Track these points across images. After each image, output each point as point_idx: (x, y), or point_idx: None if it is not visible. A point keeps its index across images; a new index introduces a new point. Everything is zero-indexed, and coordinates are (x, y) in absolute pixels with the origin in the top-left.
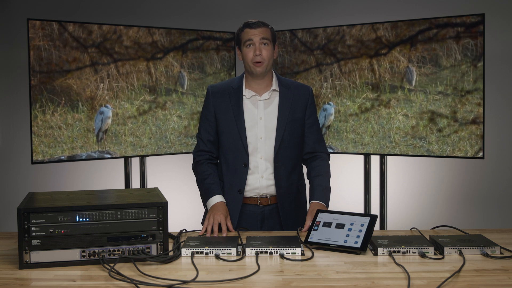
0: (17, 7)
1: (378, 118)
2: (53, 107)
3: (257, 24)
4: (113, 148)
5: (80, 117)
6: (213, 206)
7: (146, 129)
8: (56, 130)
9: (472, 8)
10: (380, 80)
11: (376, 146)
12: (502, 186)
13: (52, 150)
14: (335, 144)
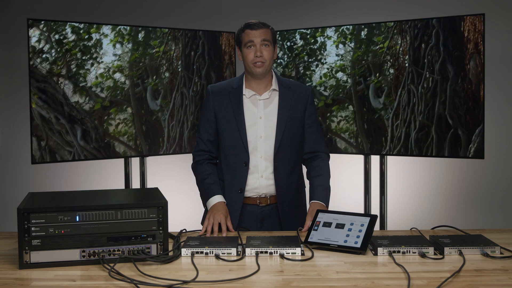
0: (17, 7)
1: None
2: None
3: (257, 25)
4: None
5: None
6: (213, 206)
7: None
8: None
9: (472, 8)
10: None
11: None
12: (502, 186)
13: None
14: None
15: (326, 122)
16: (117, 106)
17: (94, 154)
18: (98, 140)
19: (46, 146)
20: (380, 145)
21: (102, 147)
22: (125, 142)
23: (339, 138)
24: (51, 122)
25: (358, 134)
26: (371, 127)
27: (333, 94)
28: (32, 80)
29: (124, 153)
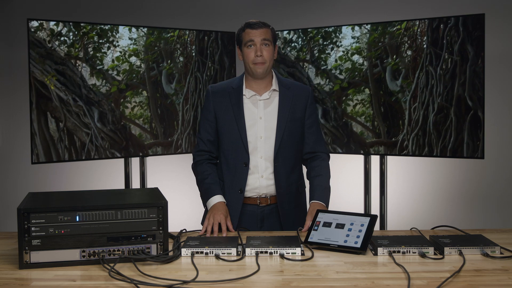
0: (17, 7)
1: None
2: None
3: (258, 24)
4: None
5: None
6: (213, 206)
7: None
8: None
9: (472, 8)
10: None
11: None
12: (502, 186)
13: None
14: None
15: (342, 106)
16: (133, 89)
17: (111, 136)
18: (114, 123)
19: (64, 128)
20: (397, 129)
21: (118, 129)
22: (140, 125)
23: (355, 122)
24: (69, 103)
25: (375, 117)
26: (388, 110)
27: (348, 77)
28: (51, 62)
29: (140, 136)
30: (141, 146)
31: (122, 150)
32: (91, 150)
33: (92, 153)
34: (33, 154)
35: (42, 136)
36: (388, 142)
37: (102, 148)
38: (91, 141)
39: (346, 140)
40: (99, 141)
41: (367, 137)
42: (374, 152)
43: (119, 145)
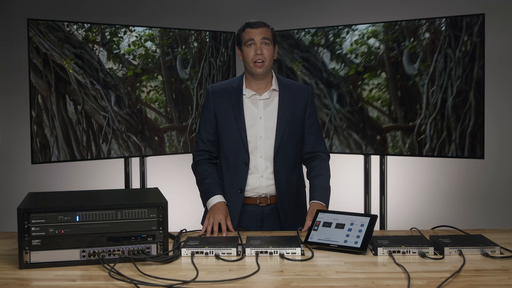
0: (17, 7)
1: None
2: None
3: (258, 24)
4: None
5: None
6: (213, 206)
7: None
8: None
9: (472, 8)
10: None
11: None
12: (502, 186)
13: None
14: None
15: (358, 91)
16: (148, 74)
17: (127, 119)
18: (131, 106)
19: (82, 110)
20: (415, 113)
21: (134, 113)
22: (156, 109)
23: (371, 107)
24: (87, 87)
25: (391, 102)
26: (405, 94)
27: (364, 61)
28: (69, 46)
29: (155, 119)
30: (157, 129)
31: (138, 133)
32: (108, 133)
33: (110, 136)
34: (51, 137)
35: (61, 119)
36: (405, 126)
37: (119, 131)
38: (108, 124)
39: (362, 126)
40: (116, 124)
41: (384, 122)
42: (391, 137)
43: (135, 129)
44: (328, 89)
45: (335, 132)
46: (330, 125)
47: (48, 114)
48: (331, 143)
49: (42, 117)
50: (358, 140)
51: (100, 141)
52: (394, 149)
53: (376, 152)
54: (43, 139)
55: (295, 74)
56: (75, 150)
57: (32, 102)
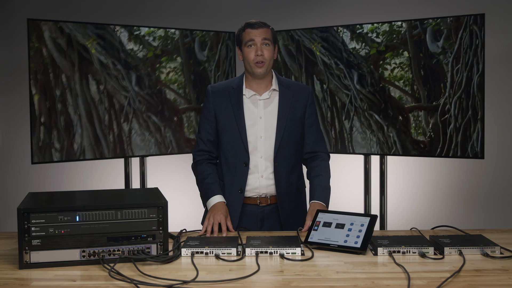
0: (17, 7)
1: None
2: None
3: (258, 24)
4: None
5: None
6: (213, 206)
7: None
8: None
9: (472, 8)
10: None
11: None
12: (502, 186)
13: None
14: None
15: (379, 71)
16: (167, 55)
17: (147, 99)
18: (151, 87)
19: (105, 90)
20: (439, 92)
21: (154, 93)
22: (175, 90)
23: (393, 87)
24: (108, 67)
25: (414, 81)
26: (429, 73)
27: (386, 40)
28: (91, 26)
29: (174, 100)
30: (176, 110)
31: (158, 113)
32: (129, 112)
33: (130, 116)
34: (75, 115)
35: (84, 98)
36: (428, 106)
37: (139, 111)
38: (129, 103)
39: (383, 106)
40: (137, 104)
41: (406, 102)
42: (414, 117)
43: (155, 109)
44: (348, 69)
45: (355, 113)
46: (350, 106)
47: (71, 93)
48: (352, 125)
49: (66, 95)
50: (380, 121)
51: (121, 120)
52: (417, 130)
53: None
54: (67, 118)
55: (314, 55)
56: (98, 129)
57: (56, 81)
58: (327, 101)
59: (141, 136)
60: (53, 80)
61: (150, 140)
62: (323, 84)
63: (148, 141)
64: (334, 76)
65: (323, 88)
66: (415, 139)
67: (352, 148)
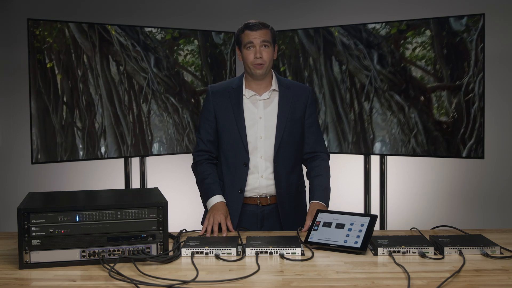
0: (17, 7)
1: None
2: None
3: (257, 26)
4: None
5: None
6: (213, 206)
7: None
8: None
9: (472, 8)
10: None
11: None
12: (502, 186)
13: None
14: None
15: (400, 50)
16: (185, 38)
17: (166, 81)
18: (169, 68)
19: (124, 71)
20: (462, 71)
21: (172, 75)
22: (192, 72)
23: (414, 67)
24: (128, 48)
25: (437, 60)
26: (452, 52)
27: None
28: None
29: (192, 82)
30: (193, 92)
31: (176, 95)
32: (148, 93)
33: (149, 96)
34: (96, 95)
35: (105, 78)
36: (451, 86)
37: (158, 92)
38: (148, 85)
39: (404, 86)
40: (155, 86)
41: (428, 82)
42: (436, 97)
43: (173, 90)
44: (368, 49)
45: (375, 94)
46: (370, 87)
47: (92, 74)
48: (371, 106)
49: (87, 75)
50: (401, 102)
51: (140, 101)
52: (440, 110)
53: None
54: (89, 97)
55: (333, 35)
56: (118, 109)
57: (78, 61)
58: (346, 82)
59: (160, 117)
60: (75, 60)
61: (168, 121)
62: (342, 65)
63: (166, 122)
64: (353, 57)
65: (342, 69)
66: (438, 120)
67: (372, 130)
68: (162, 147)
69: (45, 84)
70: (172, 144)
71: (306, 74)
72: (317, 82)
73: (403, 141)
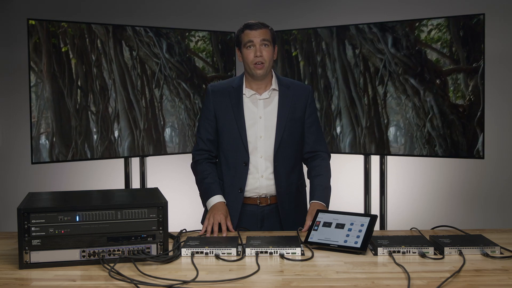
0: (17, 7)
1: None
2: None
3: (257, 25)
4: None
5: None
6: (213, 206)
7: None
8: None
9: (472, 8)
10: None
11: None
12: (502, 186)
13: None
14: None
15: (415, 33)
16: None
17: (178, 67)
18: (181, 54)
19: (137, 56)
20: (479, 53)
21: (184, 61)
22: (204, 58)
23: (429, 50)
24: (141, 34)
25: (453, 43)
26: (468, 34)
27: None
28: None
29: (203, 68)
30: (204, 78)
31: (187, 80)
32: (160, 79)
33: (162, 82)
34: (109, 80)
35: (118, 63)
36: (468, 68)
37: (170, 78)
38: (160, 70)
39: (419, 70)
40: (167, 71)
41: (444, 65)
42: (452, 80)
43: (185, 76)
44: (382, 33)
45: (389, 78)
46: (384, 71)
47: (106, 58)
48: (386, 90)
49: (101, 60)
50: (416, 86)
51: (153, 86)
52: (456, 93)
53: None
54: (102, 82)
55: None
56: (131, 94)
57: (92, 46)
58: (360, 66)
59: (172, 102)
60: (89, 45)
61: (180, 107)
62: (355, 49)
63: (178, 107)
64: (367, 41)
65: (355, 53)
66: (454, 103)
67: (386, 114)
68: (174, 132)
69: (60, 68)
70: (184, 129)
71: (319, 58)
72: (330, 67)
73: (418, 125)
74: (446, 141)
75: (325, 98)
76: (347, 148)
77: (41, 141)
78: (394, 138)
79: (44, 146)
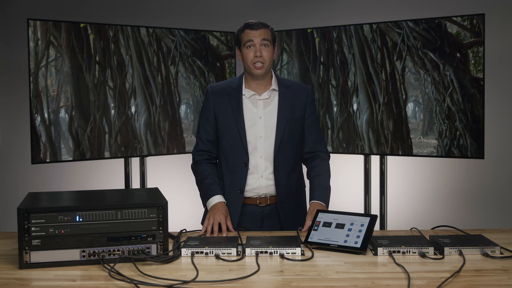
0: (17, 7)
1: None
2: None
3: (257, 25)
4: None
5: None
6: (213, 206)
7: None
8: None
9: (472, 8)
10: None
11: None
12: (502, 186)
13: None
14: None
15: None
16: None
17: (193, 44)
18: (195, 32)
19: (153, 33)
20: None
21: (199, 38)
22: (218, 37)
23: (449, 23)
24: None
25: (473, 16)
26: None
27: None
28: None
29: (217, 46)
30: (219, 56)
31: (202, 58)
32: (176, 56)
33: (177, 59)
34: (126, 56)
35: (135, 40)
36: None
37: (185, 55)
38: (176, 47)
39: (439, 43)
40: (183, 48)
41: (464, 38)
42: (473, 54)
43: (200, 54)
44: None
45: (408, 53)
46: (402, 45)
47: (124, 35)
48: (404, 65)
49: (118, 36)
50: (435, 60)
51: (169, 63)
52: (477, 67)
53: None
54: (120, 58)
55: None
56: (147, 70)
57: (110, 22)
58: (377, 41)
59: (187, 80)
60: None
61: (195, 84)
62: (372, 24)
63: (193, 85)
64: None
65: (372, 28)
66: (475, 77)
67: (404, 90)
68: (189, 109)
69: (79, 43)
70: (199, 106)
71: (335, 34)
72: (346, 43)
73: (437, 100)
74: (466, 115)
75: (342, 75)
76: (364, 126)
77: (60, 114)
78: (412, 114)
79: (63, 120)
